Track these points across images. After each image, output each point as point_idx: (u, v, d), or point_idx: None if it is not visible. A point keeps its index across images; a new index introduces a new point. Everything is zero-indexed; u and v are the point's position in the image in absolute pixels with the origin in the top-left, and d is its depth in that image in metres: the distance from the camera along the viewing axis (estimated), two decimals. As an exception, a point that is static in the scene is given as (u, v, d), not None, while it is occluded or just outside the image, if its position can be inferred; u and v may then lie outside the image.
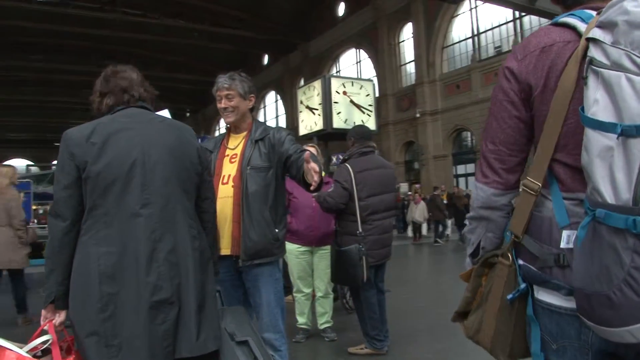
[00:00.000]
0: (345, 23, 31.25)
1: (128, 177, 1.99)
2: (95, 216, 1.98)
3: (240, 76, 3.14)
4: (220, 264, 2.92)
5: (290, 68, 36.44)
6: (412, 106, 26.40)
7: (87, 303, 1.91)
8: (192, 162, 2.17)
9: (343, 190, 4.36)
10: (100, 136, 2.03)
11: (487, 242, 1.53)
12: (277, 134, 3.07)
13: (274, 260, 3.04)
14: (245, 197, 2.94)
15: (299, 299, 5.33)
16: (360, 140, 4.62)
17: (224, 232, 2.97)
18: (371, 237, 4.35)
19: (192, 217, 2.14)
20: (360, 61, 31.40)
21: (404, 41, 27.98)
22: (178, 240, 2.03)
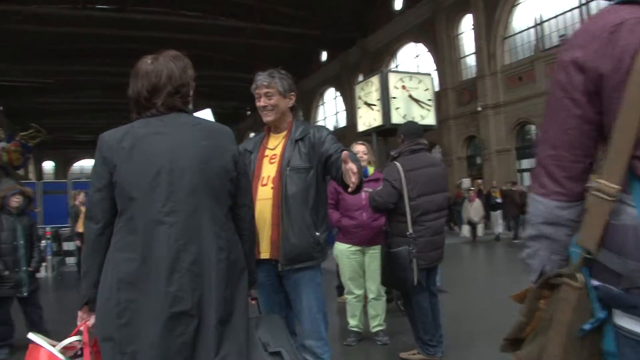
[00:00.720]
0: (402, 17, 30.69)
1: (154, 183, 1.95)
2: (122, 221, 1.97)
3: (280, 74, 3.06)
4: (259, 269, 2.88)
5: (349, 64, 36.17)
6: (473, 100, 25.66)
7: (106, 308, 1.91)
8: (225, 168, 2.08)
9: (392, 189, 4.22)
10: (130, 140, 1.99)
11: (553, 266, 1.30)
12: (318, 133, 2.98)
13: (315, 264, 2.94)
14: (285, 199, 2.86)
15: (350, 301, 5.21)
16: (410, 137, 4.47)
17: (263, 235, 2.91)
18: (422, 239, 4.19)
19: (221, 226, 2.04)
20: (419, 55, 30.78)
21: (463, 33, 27.18)
22: (203, 251, 1.96)
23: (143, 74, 2.10)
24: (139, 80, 2.10)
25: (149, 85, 2.08)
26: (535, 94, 22.29)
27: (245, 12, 32.36)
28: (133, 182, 1.95)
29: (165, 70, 2.10)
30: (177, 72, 2.11)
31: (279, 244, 2.86)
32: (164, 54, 2.16)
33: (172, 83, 2.09)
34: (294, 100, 3.13)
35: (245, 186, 2.23)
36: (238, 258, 2.09)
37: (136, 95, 2.10)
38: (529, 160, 23.78)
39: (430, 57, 29.48)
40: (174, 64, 2.13)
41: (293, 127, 3.06)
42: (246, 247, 2.20)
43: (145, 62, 2.14)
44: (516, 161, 24.38)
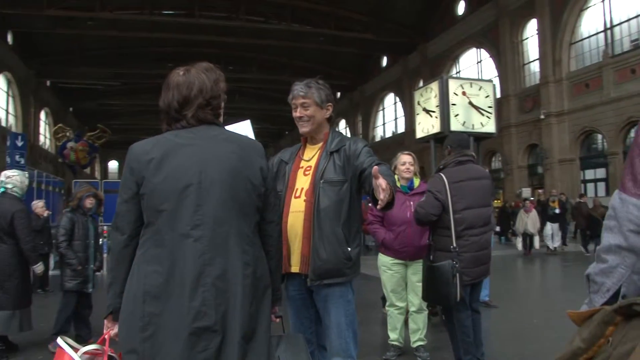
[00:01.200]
0: (465, 22, 30.15)
1: (182, 197, 1.92)
2: (149, 233, 1.95)
3: (317, 84, 2.97)
4: (290, 282, 2.91)
5: (409, 70, 35.86)
6: (535, 107, 24.88)
7: (130, 320, 1.89)
8: (253, 183, 2.04)
9: (435, 200, 4.06)
10: (159, 152, 1.97)
11: (631, 289, 1.05)
12: (353, 146, 2.87)
13: (346, 280, 2.84)
14: (317, 213, 2.78)
15: (391, 313, 5.08)
16: (457, 149, 4.30)
17: (294, 249, 2.85)
18: (467, 254, 4.01)
19: (248, 242, 2.01)
20: (481, 61, 30.17)
21: (527, 39, 26.42)
22: (229, 266, 1.92)
23: (174, 85, 2.07)
24: (170, 92, 2.07)
25: (180, 96, 2.05)
26: (602, 102, 21.44)
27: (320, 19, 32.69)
28: (161, 195, 1.93)
29: (196, 82, 2.07)
30: (208, 85, 2.08)
31: (309, 258, 2.79)
32: (196, 66, 2.13)
33: (204, 95, 2.06)
34: (331, 111, 3.03)
35: (273, 202, 2.18)
36: (263, 274, 2.05)
37: (166, 106, 2.08)
38: (593, 171, 22.87)
39: (492, 62, 28.82)
40: (206, 76, 2.09)
41: (329, 138, 2.97)
42: (272, 263, 2.16)
43: (177, 73, 2.11)
44: (580, 171, 23.48)
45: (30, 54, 34.96)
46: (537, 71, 25.49)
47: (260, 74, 39.63)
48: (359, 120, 44.63)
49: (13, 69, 33.35)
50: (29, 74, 35.68)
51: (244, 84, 42.26)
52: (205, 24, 31.22)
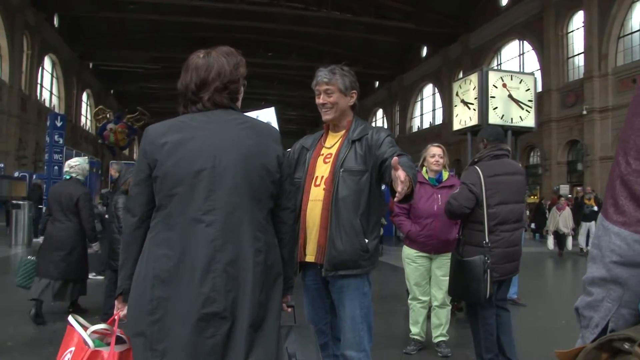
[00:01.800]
0: (508, 13, 29.43)
1: (195, 181, 1.89)
2: (160, 216, 1.93)
3: (341, 70, 2.90)
4: (306, 272, 2.89)
5: (449, 60, 35.31)
6: (578, 102, 24.18)
7: (139, 303, 1.88)
8: (268, 169, 2.00)
9: (469, 193, 3.95)
10: (173, 135, 1.94)
11: (620, 323, 0.94)
12: (376, 135, 2.80)
13: (362, 272, 2.78)
14: (335, 202, 2.73)
15: (414, 307, 5.00)
16: (493, 143, 4.18)
17: (310, 238, 2.82)
18: (497, 249, 3.89)
19: (260, 228, 1.97)
20: (523, 53, 29.40)
21: (573, 31, 25.62)
22: (240, 252, 1.89)
23: (193, 67, 2.04)
24: (189, 74, 2.04)
25: (198, 79, 2.02)
26: (649, 99, 20.65)
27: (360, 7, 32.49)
28: (174, 178, 1.90)
29: (215, 65, 2.04)
30: (227, 68, 2.04)
31: (325, 248, 2.75)
32: (217, 49, 2.09)
33: (222, 79, 2.03)
34: (355, 98, 2.95)
35: (289, 189, 2.14)
36: (275, 262, 2.01)
37: (184, 88, 2.05)
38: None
39: (535, 55, 28.09)
40: (226, 59, 2.06)
41: (352, 126, 2.91)
42: (285, 251, 2.13)
43: (197, 55, 2.08)
44: (623, 170, 22.74)
45: (74, 37, 35.81)
46: (582, 65, 24.72)
47: (299, 61, 39.57)
48: (397, 110, 44.30)
49: (58, 51, 34.26)
50: (73, 56, 36.56)
51: (283, 71, 42.35)
52: (245, 10, 31.40)
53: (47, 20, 31.32)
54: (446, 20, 33.39)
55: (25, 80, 29.34)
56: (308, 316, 2.96)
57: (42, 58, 31.94)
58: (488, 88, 11.95)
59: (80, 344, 2.07)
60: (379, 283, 9.16)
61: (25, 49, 29.28)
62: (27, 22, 28.73)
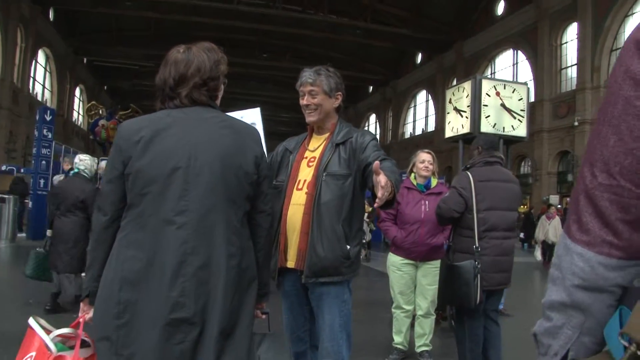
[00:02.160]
0: (504, 22, 29.48)
1: (168, 180, 1.83)
2: (131, 216, 1.87)
3: (327, 71, 2.84)
4: (285, 277, 2.82)
5: (444, 68, 35.35)
6: (570, 113, 24.23)
7: (105, 306, 1.82)
8: (246, 170, 1.94)
9: (459, 197, 3.90)
10: (148, 131, 1.88)
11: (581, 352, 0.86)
12: (360, 139, 2.75)
13: (343, 280, 2.71)
14: (317, 207, 2.66)
15: (397, 316, 4.91)
16: (487, 150, 4.14)
17: (291, 243, 2.74)
18: (486, 257, 3.82)
19: (235, 231, 1.91)
20: (517, 63, 29.49)
21: (567, 43, 25.73)
22: (213, 256, 1.83)
23: (172, 61, 1.99)
24: (167, 68, 1.99)
25: (177, 74, 1.96)
26: None
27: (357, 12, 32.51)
28: (146, 177, 1.84)
29: (195, 60, 1.98)
30: (207, 65, 1.99)
31: (305, 253, 2.68)
32: (198, 45, 2.03)
33: (201, 75, 1.97)
34: (341, 100, 2.90)
35: (266, 191, 2.09)
36: (249, 267, 1.95)
37: (162, 83, 1.99)
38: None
39: (528, 65, 28.17)
40: (207, 55, 2.00)
41: (336, 129, 2.85)
42: (260, 256, 2.07)
43: (176, 50, 2.03)
44: (612, 182, 22.81)
45: (69, 32, 35.52)
46: (574, 77, 24.81)
47: (294, 63, 39.48)
48: (390, 116, 44.29)
49: (52, 45, 33.86)
50: (68, 50, 36.23)
51: (278, 72, 42.25)
52: (243, 11, 31.35)
53: (43, 13, 30.91)
54: (442, 27, 33.43)
55: (17, 73, 28.89)
56: (286, 323, 2.90)
57: (35, 52, 31.50)
58: (481, 96, 11.95)
59: (41, 349, 1.99)
60: (365, 289, 9.13)
61: (19, 41, 28.85)
62: (22, 14, 28.31)
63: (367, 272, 11.78)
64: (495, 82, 12.66)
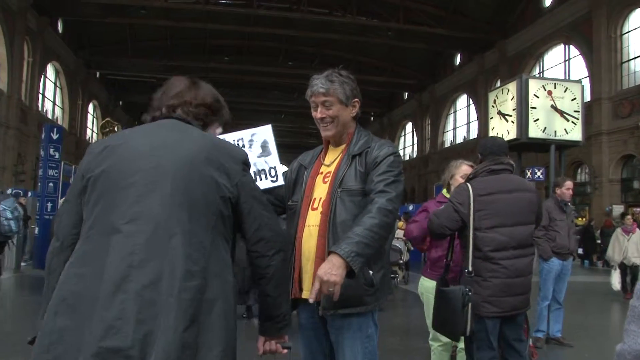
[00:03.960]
0: (552, 14, 28.84)
1: (124, 185, 1.76)
2: (83, 231, 1.80)
3: (340, 77, 2.74)
4: (302, 309, 2.76)
5: (485, 69, 34.89)
6: (634, 112, 23.50)
7: (40, 338, 1.67)
8: (217, 182, 1.84)
9: (454, 212, 3.83)
10: (115, 141, 1.89)
11: None
12: (376, 151, 2.67)
13: (366, 310, 2.60)
14: (332, 227, 2.58)
15: (435, 349, 4.77)
16: (489, 157, 4.04)
17: (306, 269, 2.65)
18: (495, 280, 3.74)
19: (200, 249, 1.74)
20: (569, 59, 28.78)
21: (628, 32, 24.92)
22: (164, 273, 1.65)
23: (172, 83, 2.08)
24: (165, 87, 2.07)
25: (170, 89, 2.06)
26: None
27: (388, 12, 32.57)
28: (102, 183, 1.78)
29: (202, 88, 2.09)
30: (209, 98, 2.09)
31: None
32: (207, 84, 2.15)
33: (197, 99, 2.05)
34: (358, 107, 2.82)
35: (260, 215, 1.96)
36: (217, 296, 1.74)
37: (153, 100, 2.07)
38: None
39: (582, 61, 27.52)
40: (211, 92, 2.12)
41: (353, 139, 2.78)
42: (270, 288, 1.98)
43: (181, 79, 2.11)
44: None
45: (80, 44, 36.34)
46: (638, 70, 24.11)
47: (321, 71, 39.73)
48: (428, 124, 44.01)
49: (62, 58, 34.60)
50: (78, 64, 36.99)
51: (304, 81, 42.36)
52: (264, 15, 31.72)
53: (50, 25, 31.58)
54: (481, 24, 33.04)
55: (25, 89, 29.53)
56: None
57: (44, 66, 32.25)
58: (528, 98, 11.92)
59: None
60: (402, 315, 9.14)
61: (26, 56, 29.50)
62: (28, 27, 28.93)
63: (404, 296, 11.68)
64: (544, 82, 12.58)
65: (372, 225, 2.39)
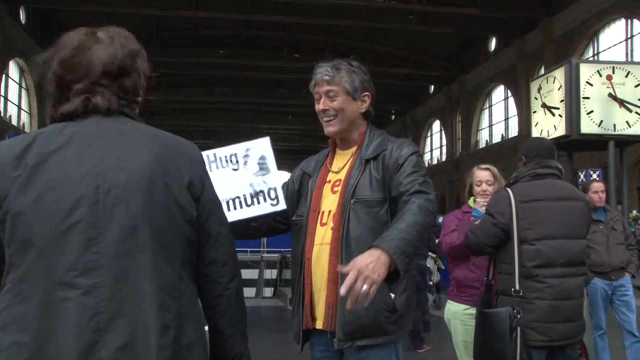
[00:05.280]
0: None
1: (67, 223, 1.66)
2: (10, 281, 1.70)
3: (349, 65, 2.86)
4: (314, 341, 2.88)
5: (527, 54, 34.49)
6: None
7: None
8: (179, 203, 1.79)
9: (492, 227, 3.94)
10: (35, 155, 1.72)
11: None
12: (396, 152, 2.75)
13: (388, 341, 2.68)
14: (346, 245, 2.66)
15: None
16: (535, 159, 4.11)
17: (318, 296, 2.77)
18: (541, 302, 3.80)
19: (170, 291, 1.74)
20: (632, 36, 28.01)
21: None
22: (137, 332, 1.65)
23: (61, 45, 1.83)
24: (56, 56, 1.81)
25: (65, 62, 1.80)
26: None
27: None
28: (32, 221, 1.67)
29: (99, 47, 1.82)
30: (119, 54, 1.84)
31: (336, 310, 2.67)
32: (107, 29, 1.90)
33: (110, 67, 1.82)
34: (369, 103, 2.90)
35: (216, 231, 1.92)
36: (194, 341, 1.79)
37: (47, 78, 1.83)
38: None
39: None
40: (119, 42, 1.86)
41: (365, 140, 2.88)
42: (224, 323, 1.93)
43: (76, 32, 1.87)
44: None
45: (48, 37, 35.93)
46: None
47: (333, 63, 40.06)
48: (458, 121, 44.06)
49: (27, 54, 34.35)
50: (48, 61, 36.99)
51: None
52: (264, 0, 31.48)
53: (11, 15, 31.42)
54: (521, 1, 32.56)
55: (-18, 92, 29.58)
56: None
57: (5, 63, 32.21)
58: (579, 86, 11.39)
59: None
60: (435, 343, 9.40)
61: (-20, 51, 29.49)
62: (-17, 17, 28.82)
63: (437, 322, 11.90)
64: (599, 66, 12.26)
65: (415, 223, 2.41)
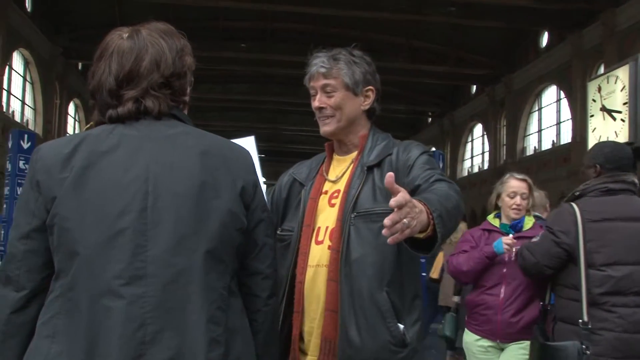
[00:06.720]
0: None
1: (114, 230, 1.75)
2: (59, 289, 1.78)
3: (349, 55, 2.75)
4: None
5: (584, 50, 34.17)
6: None
7: None
8: (232, 211, 1.87)
9: (554, 246, 3.86)
10: (83, 158, 1.82)
11: None
12: (404, 154, 2.66)
13: None
14: (346, 267, 2.53)
15: None
16: (611, 171, 3.95)
17: (312, 326, 2.64)
18: (608, 333, 3.66)
19: (221, 304, 1.83)
20: None
21: None
22: (185, 346, 1.72)
23: (114, 52, 1.96)
24: (105, 63, 1.95)
25: (121, 70, 1.92)
26: None
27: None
28: (79, 227, 1.75)
29: (150, 50, 1.95)
30: (169, 56, 1.96)
31: (335, 343, 2.53)
32: (148, 26, 2.03)
33: (160, 71, 1.94)
34: (373, 99, 2.81)
35: (262, 241, 2.01)
36: (242, 357, 1.87)
37: (97, 85, 1.95)
38: None
39: None
40: (166, 42, 1.99)
41: (367, 144, 2.76)
42: (259, 339, 2.00)
43: (119, 35, 2.01)
44: None
45: (56, 27, 36.83)
46: None
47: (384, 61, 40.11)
48: (503, 125, 43.73)
49: (32, 45, 34.87)
50: (54, 53, 37.43)
51: (342, 73, 42.92)
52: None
53: (16, 3, 31.58)
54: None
55: (-18, 84, 29.91)
56: None
57: (9, 55, 32.33)
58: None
59: None
60: None
61: (-18, 40, 29.77)
62: (-15, 6, 29.15)
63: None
64: None
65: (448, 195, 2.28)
